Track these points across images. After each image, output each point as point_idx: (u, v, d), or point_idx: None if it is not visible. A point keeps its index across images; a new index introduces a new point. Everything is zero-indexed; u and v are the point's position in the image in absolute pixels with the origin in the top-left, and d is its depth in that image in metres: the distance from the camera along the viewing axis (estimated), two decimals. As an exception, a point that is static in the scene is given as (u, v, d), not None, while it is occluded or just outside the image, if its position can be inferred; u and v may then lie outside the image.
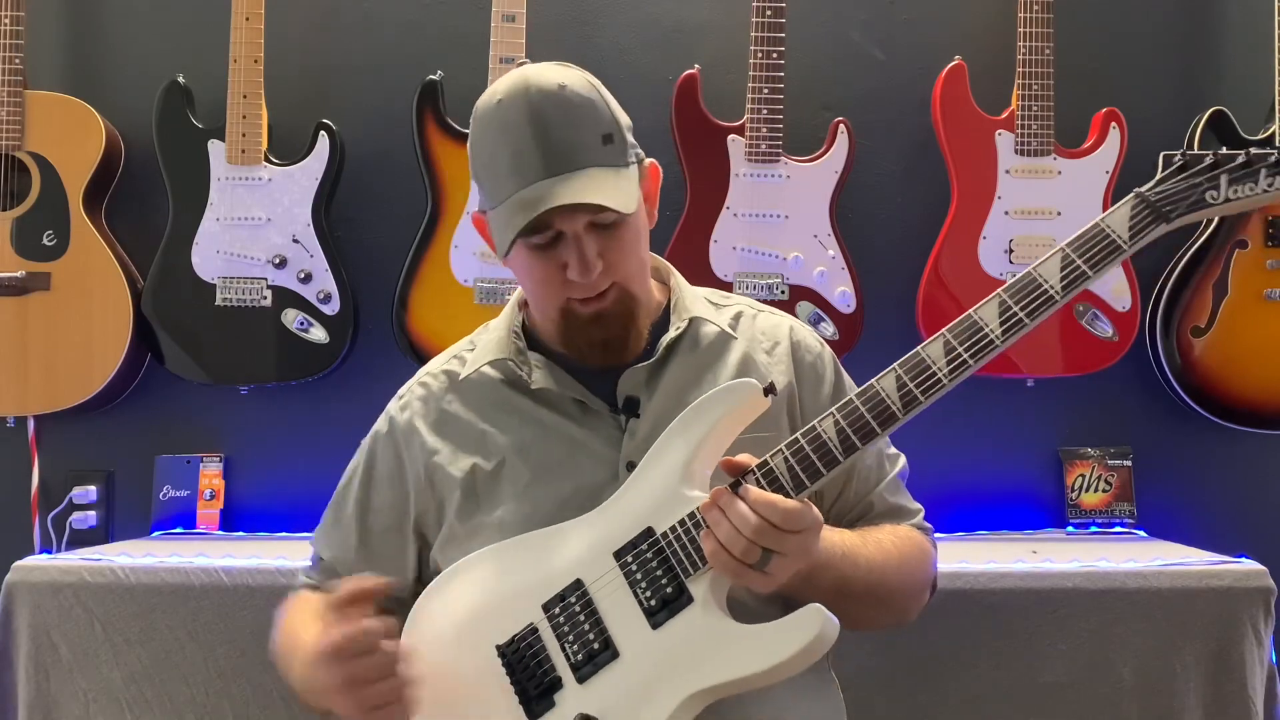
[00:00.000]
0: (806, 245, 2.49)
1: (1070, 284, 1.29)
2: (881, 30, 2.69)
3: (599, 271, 1.38)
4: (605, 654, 1.30)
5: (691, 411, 1.36)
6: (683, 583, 1.29)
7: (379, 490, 1.55)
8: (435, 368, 1.58)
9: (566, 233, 1.37)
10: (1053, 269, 1.29)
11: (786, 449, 1.30)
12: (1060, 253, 1.30)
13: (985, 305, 1.30)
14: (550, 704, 1.30)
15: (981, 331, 1.29)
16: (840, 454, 1.29)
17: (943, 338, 1.30)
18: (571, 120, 1.36)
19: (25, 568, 2.08)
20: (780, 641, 1.25)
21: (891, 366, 1.30)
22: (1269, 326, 2.50)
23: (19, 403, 2.58)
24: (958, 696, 1.99)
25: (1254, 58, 2.60)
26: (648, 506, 1.34)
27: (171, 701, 2.02)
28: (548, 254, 1.39)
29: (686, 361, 1.48)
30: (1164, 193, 1.29)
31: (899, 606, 1.49)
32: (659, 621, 1.29)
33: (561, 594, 1.34)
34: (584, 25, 2.68)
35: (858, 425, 1.29)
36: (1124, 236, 1.29)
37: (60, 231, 2.56)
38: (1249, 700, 1.97)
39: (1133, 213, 1.30)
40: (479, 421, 1.50)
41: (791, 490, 1.28)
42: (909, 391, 1.28)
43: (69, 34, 2.76)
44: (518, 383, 1.50)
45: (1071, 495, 2.60)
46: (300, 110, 2.64)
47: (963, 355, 1.28)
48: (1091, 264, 1.29)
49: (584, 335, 1.43)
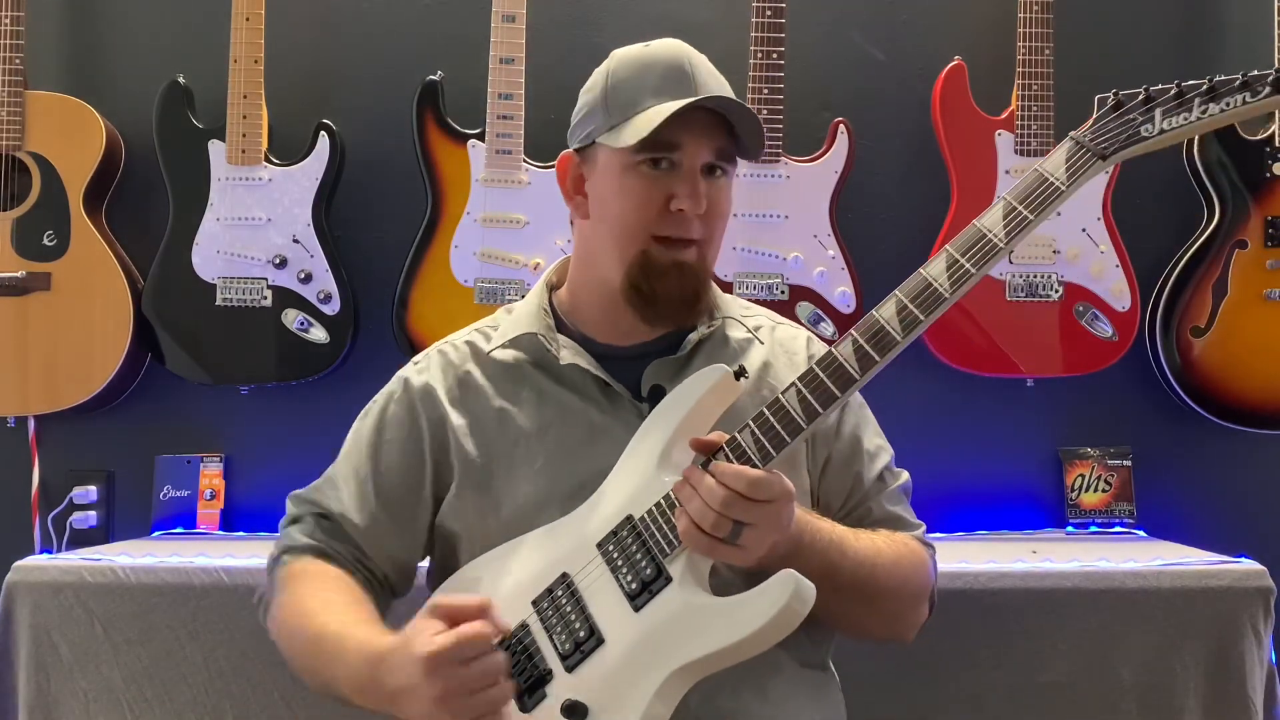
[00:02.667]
0: (806, 245, 2.49)
1: (1014, 230, 1.29)
2: (881, 30, 2.69)
3: (702, 213, 1.40)
4: (591, 641, 1.30)
5: (667, 400, 1.37)
6: (660, 563, 1.30)
7: (392, 453, 1.51)
8: (457, 339, 1.56)
9: (684, 164, 1.40)
10: (996, 218, 1.31)
11: (753, 422, 1.31)
12: (1003, 202, 1.31)
13: (934, 262, 1.31)
14: (541, 696, 1.30)
15: (930, 287, 1.30)
16: (803, 420, 1.29)
17: (895, 297, 1.31)
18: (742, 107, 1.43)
19: (25, 568, 2.08)
20: (753, 611, 1.24)
21: (849, 332, 1.31)
22: (1269, 326, 2.50)
23: (19, 403, 2.58)
24: (958, 696, 1.99)
25: (1254, 58, 2.60)
26: (628, 495, 1.36)
27: (171, 701, 2.02)
28: (657, 180, 1.41)
29: (711, 360, 1.48)
30: (1099, 132, 1.31)
31: (890, 610, 1.47)
32: (640, 604, 1.30)
33: (549, 588, 1.35)
34: (584, 25, 2.68)
35: (816, 389, 1.30)
36: (1061, 179, 1.30)
37: (60, 232, 2.57)
38: (1249, 700, 1.97)
39: (1069, 155, 1.31)
40: (499, 397, 1.49)
41: (759, 461, 1.29)
42: (865, 352, 1.29)
43: (69, 34, 2.76)
44: (542, 361, 1.49)
45: (1071, 495, 2.61)
46: (300, 110, 2.64)
47: (915, 313, 1.29)
48: (1033, 208, 1.29)
49: (663, 283, 1.42)
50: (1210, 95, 1.27)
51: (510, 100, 2.50)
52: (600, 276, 1.47)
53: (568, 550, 1.36)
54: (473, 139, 2.53)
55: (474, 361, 1.52)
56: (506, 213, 2.51)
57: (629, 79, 1.43)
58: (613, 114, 1.43)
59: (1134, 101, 1.31)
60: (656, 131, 1.37)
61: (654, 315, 1.44)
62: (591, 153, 1.47)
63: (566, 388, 1.47)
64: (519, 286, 2.49)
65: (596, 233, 1.47)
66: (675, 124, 1.38)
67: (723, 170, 1.44)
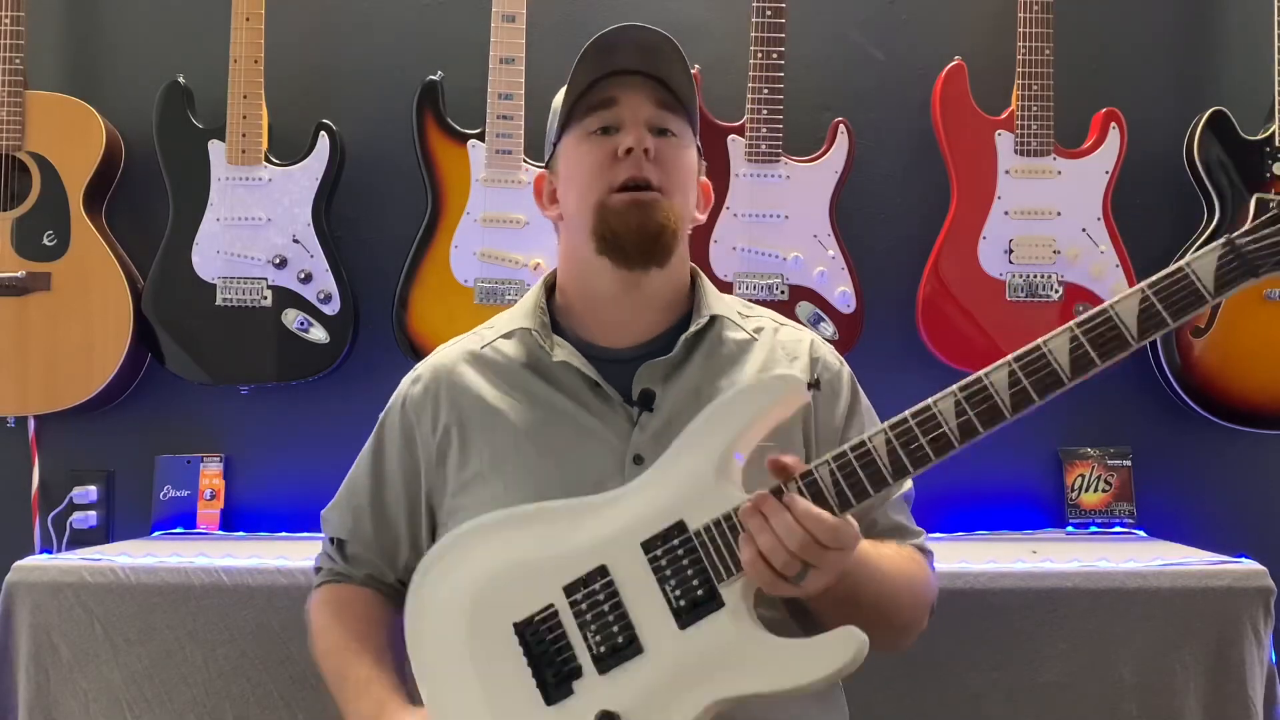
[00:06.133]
0: (806, 245, 2.49)
1: (1148, 331, 1.22)
2: (881, 30, 2.69)
3: (651, 152, 1.42)
4: (629, 649, 1.26)
5: (730, 401, 1.32)
6: (714, 587, 1.26)
7: (391, 466, 1.55)
8: (453, 345, 1.59)
9: (626, 119, 1.44)
10: (1131, 311, 1.22)
11: (833, 461, 1.27)
12: (1139, 293, 1.22)
13: (1057, 336, 1.24)
14: (569, 691, 1.27)
15: (1050, 368, 1.23)
16: (890, 474, 1.25)
17: (1008, 366, 1.24)
18: (665, 40, 1.45)
19: (25, 568, 2.08)
20: (813, 663, 1.23)
21: (950, 389, 1.25)
22: (1269, 327, 2.50)
23: (19, 403, 2.58)
24: (958, 696, 1.98)
25: (1254, 58, 2.60)
26: (679, 497, 1.30)
27: (171, 701, 2.02)
28: (605, 141, 1.45)
29: (707, 362, 1.48)
30: (1258, 241, 1.21)
31: (900, 624, 1.47)
32: (687, 623, 1.26)
33: (585, 578, 1.29)
34: (584, 25, 2.67)
35: (911, 447, 1.24)
36: (1210, 288, 1.22)
37: (60, 232, 2.57)
38: (1249, 700, 1.97)
39: (1220, 261, 1.21)
40: (491, 397, 1.49)
41: (836, 506, 1.25)
42: (968, 419, 1.24)
43: (69, 34, 2.76)
44: (535, 361, 1.50)
45: (1071, 495, 2.61)
46: (300, 110, 2.64)
47: (1030, 391, 1.23)
48: (1174, 312, 1.21)
49: (622, 221, 1.43)
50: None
51: (510, 100, 2.50)
52: (580, 265, 1.50)
53: (606, 539, 1.31)
54: (473, 139, 2.53)
55: (467, 363, 1.54)
56: (506, 213, 2.51)
57: (570, 79, 1.48)
58: (562, 110, 1.49)
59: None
60: (593, 90, 1.44)
61: (624, 255, 1.44)
62: (555, 157, 1.53)
63: (557, 388, 1.48)
64: (519, 286, 2.49)
65: (568, 220, 1.51)
66: (608, 83, 1.45)
67: (670, 131, 1.47)
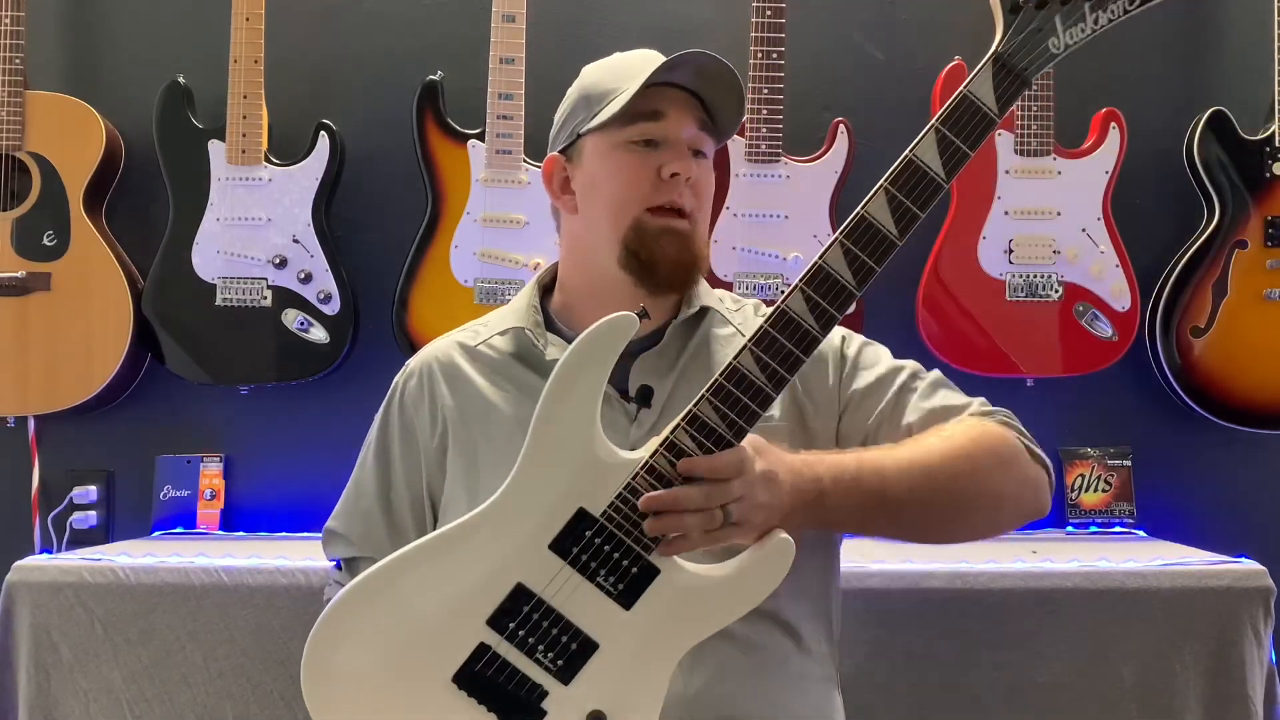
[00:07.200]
0: (806, 245, 2.49)
1: (952, 167, 1.25)
2: (881, 30, 2.69)
3: (690, 183, 1.42)
4: (585, 650, 1.23)
5: (573, 362, 1.24)
6: (646, 560, 1.22)
7: (395, 465, 1.53)
8: (445, 339, 1.57)
9: (670, 135, 1.43)
10: (932, 153, 1.25)
11: (710, 394, 1.22)
12: (935, 133, 1.25)
13: (872, 200, 1.25)
14: (541, 713, 1.24)
15: (873, 227, 1.24)
16: (770, 387, 1.22)
17: (839, 244, 1.25)
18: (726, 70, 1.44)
19: (25, 568, 2.08)
20: (758, 580, 1.23)
21: (794, 285, 1.24)
22: (1269, 326, 2.50)
23: (19, 403, 2.58)
24: (958, 696, 1.98)
25: (1254, 58, 2.60)
26: (565, 483, 1.24)
27: (171, 701, 2.02)
28: (647, 156, 1.43)
29: (700, 355, 1.48)
30: (1016, 49, 1.26)
31: (987, 493, 1.37)
32: (631, 602, 1.23)
33: (507, 605, 1.23)
34: (584, 25, 2.68)
35: (782, 354, 1.22)
36: (994, 109, 1.25)
37: (60, 231, 2.56)
38: (1249, 700, 1.97)
39: (994, 79, 1.25)
40: (487, 392, 1.49)
41: (731, 436, 1.22)
42: (822, 309, 1.23)
43: (69, 34, 2.76)
44: (529, 357, 1.49)
45: (1071, 495, 2.61)
46: (300, 110, 2.64)
47: (867, 261, 1.24)
48: (970, 142, 1.25)
49: (660, 247, 1.42)
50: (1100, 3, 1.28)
51: (510, 100, 2.50)
52: (592, 266, 1.48)
53: (509, 555, 1.24)
54: (473, 139, 2.53)
55: (462, 357, 1.53)
56: (506, 213, 2.51)
57: (605, 75, 1.47)
58: (593, 104, 1.46)
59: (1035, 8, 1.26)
60: (640, 98, 1.41)
61: (654, 281, 1.44)
62: (576, 148, 1.49)
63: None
64: (519, 286, 2.47)
65: (587, 221, 1.49)
66: (655, 95, 1.42)
67: (703, 154, 1.47)
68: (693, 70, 1.43)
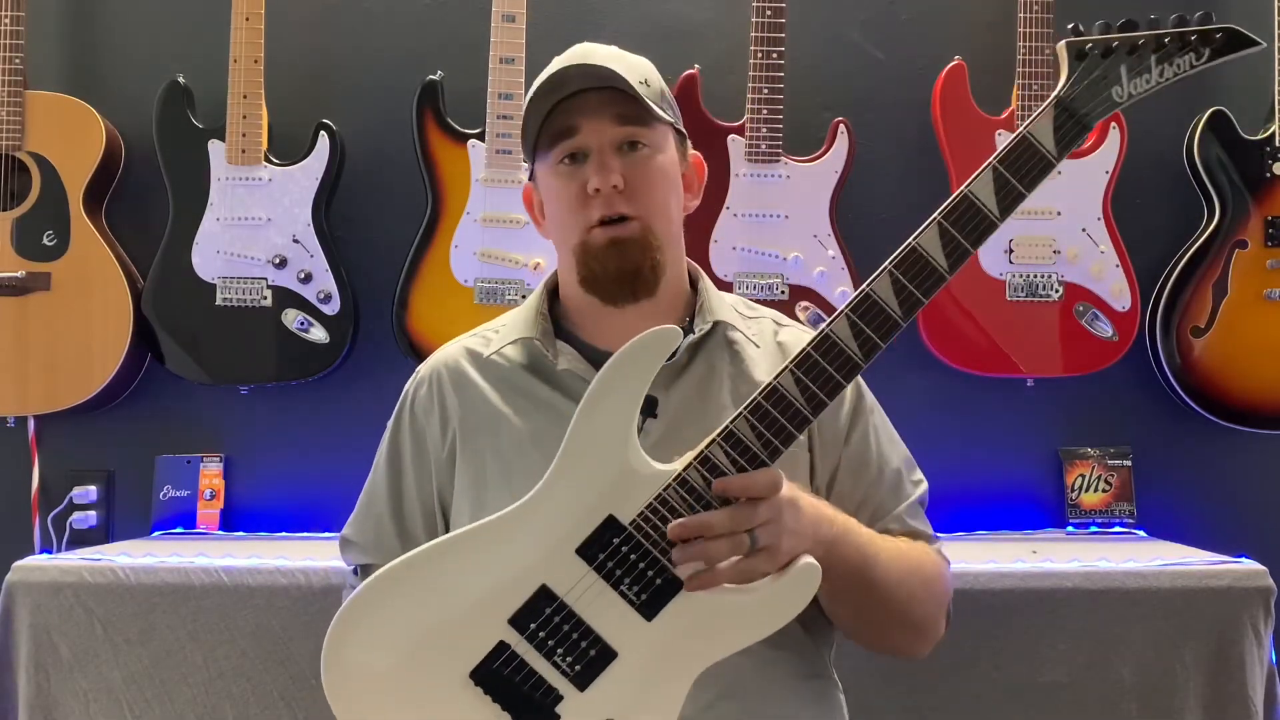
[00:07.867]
0: (806, 245, 2.49)
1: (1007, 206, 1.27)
2: (881, 30, 2.69)
3: (620, 185, 1.40)
4: (603, 658, 1.23)
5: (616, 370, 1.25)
6: (670, 572, 1.23)
7: (406, 473, 1.53)
8: (457, 345, 1.57)
9: (592, 146, 1.41)
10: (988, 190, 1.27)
11: (748, 412, 1.23)
12: (993, 172, 1.28)
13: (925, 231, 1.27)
14: (555, 717, 1.24)
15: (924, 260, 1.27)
16: (809, 410, 1.23)
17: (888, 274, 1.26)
18: (614, 56, 1.43)
19: (25, 568, 2.08)
20: (785, 604, 1.23)
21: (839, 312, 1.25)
22: (1269, 326, 2.50)
23: (19, 403, 2.58)
24: (958, 696, 1.99)
25: (1254, 58, 2.58)
26: (597, 490, 1.24)
27: (171, 701, 2.02)
28: (573, 173, 1.43)
29: (709, 366, 1.47)
30: (1079, 96, 1.30)
31: (917, 618, 1.44)
32: (653, 613, 1.23)
33: (530, 606, 1.24)
34: (584, 25, 2.68)
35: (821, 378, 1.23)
36: (1052, 151, 1.28)
37: (60, 231, 2.57)
38: (1249, 700, 1.97)
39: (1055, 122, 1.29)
40: (495, 402, 1.48)
41: (765, 456, 1.23)
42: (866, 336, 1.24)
43: (69, 34, 2.76)
44: (539, 366, 1.48)
45: (1071, 495, 2.61)
46: (300, 110, 2.64)
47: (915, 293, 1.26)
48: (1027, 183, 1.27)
49: (601, 263, 1.42)
50: (1166, 57, 1.32)
51: (510, 100, 2.50)
52: (569, 284, 1.49)
53: (536, 557, 1.24)
54: (473, 139, 2.53)
55: (471, 366, 1.52)
56: (506, 213, 2.51)
57: (532, 103, 1.45)
58: (526, 135, 1.48)
59: (1103, 54, 1.31)
60: (558, 116, 1.41)
61: (606, 294, 1.44)
62: (536, 175, 1.52)
63: (561, 393, 1.46)
64: (519, 286, 2.49)
65: (555, 243, 1.51)
66: (569, 108, 1.42)
67: (643, 144, 1.44)
68: (580, 72, 1.42)
